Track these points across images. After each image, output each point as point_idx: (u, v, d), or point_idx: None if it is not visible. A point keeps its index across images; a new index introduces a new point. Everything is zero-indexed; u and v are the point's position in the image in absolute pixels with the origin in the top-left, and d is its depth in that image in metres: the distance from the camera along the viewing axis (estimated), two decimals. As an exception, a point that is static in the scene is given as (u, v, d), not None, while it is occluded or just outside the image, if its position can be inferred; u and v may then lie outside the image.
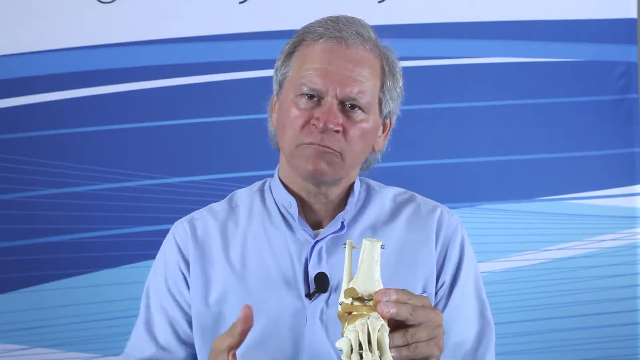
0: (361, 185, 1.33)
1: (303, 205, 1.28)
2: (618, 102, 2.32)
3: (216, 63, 2.24)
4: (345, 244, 1.03)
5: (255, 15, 2.24)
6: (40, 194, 2.18)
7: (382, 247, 1.01)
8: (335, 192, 1.27)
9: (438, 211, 1.31)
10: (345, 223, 1.27)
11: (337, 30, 1.23)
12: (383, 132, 1.30)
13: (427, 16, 2.29)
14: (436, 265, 1.27)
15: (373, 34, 1.26)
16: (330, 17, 1.26)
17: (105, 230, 2.19)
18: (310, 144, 1.20)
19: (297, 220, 1.26)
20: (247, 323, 1.00)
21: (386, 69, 1.25)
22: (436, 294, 1.27)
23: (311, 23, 1.27)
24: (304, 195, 1.27)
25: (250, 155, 2.20)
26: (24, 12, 2.19)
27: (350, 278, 1.01)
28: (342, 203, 1.29)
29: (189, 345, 1.29)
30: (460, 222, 1.32)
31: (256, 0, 2.25)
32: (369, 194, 1.32)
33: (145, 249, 2.15)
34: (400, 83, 1.29)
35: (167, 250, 1.31)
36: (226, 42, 2.24)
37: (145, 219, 2.19)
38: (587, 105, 2.32)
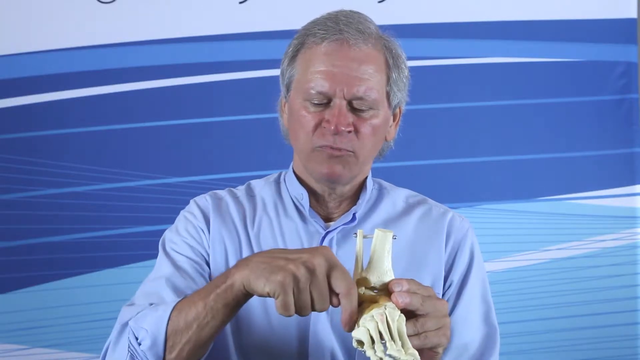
0: (373, 184, 1.35)
1: (316, 198, 1.30)
2: (618, 102, 2.32)
3: (216, 63, 2.24)
4: (356, 233, 1.03)
5: (255, 15, 2.24)
6: (40, 194, 2.18)
7: (394, 237, 1.01)
8: (348, 188, 1.29)
9: (449, 214, 1.33)
10: (356, 215, 1.29)
11: (337, 31, 1.23)
12: (393, 121, 1.32)
13: (427, 16, 2.29)
14: (445, 266, 1.29)
15: (374, 28, 1.26)
16: (329, 15, 1.26)
17: (105, 230, 2.19)
18: (324, 147, 1.22)
19: (307, 212, 1.28)
20: None
21: (390, 61, 1.26)
22: (443, 294, 1.28)
23: (311, 22, 1.27)
24: (317, 190, 1.29)
25: (251, 155, 2.20)
26: (24, 12, 2.19)
27: (361, 267, 1.01)
28: (354, 197, 1.31)
29: None
30: (470, 226, 1.33)
31: (256, 0, 2.25)
32: (381, 192, 1.35)
33: (145, 249, 2.15)
34: (406, 72, 1.29)
35: (188, 213, 1.31)
36: (226, 42, 2.24)
37: (145, 219, 2.19)
38: (587, 105, 2.32)
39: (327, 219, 1.30)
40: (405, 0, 2.27)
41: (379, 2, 2.26)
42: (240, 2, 2.25)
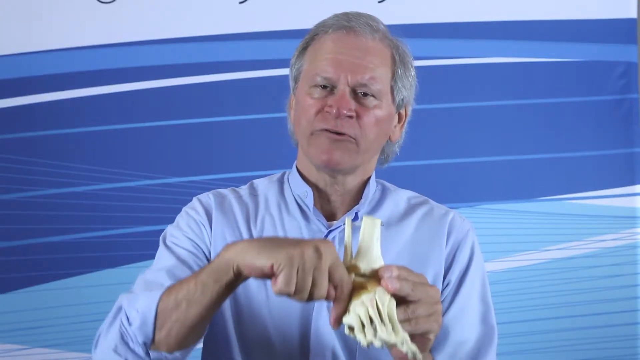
0: (377, 185, 1.36)
1: (319, 196, 1.30)
2: (618, 102, 2.32)
3: (216, 63, 2.24)
4: (344, 222, 1.04)
5: (255, 15, 2.24)
6: (40, 194, 2.18)
7: (382, 224, 1.03)
8: (352, 183, 1.30)
9: (451, 215, 1.34)
10: (359, 214, 1.29)
11: (346, 21, 1.26)
12: (399, 122, 1.33)
13: (427, 16, 2.29)
14: (444, 264, 1.29)
15: (382, 26, 1.28)
16: (341, 12, 1.29)
17: (105, 230, 2.19)
18: (324, 130, 1.23)
19: (311, 210, 1.29)
20: None
21: (396, 57, 1.28)
22: (442, 293, 1.28)
23: (322, 20, 1.30)
24: (320, 185, 1.30)
25: (250, 155, 2.20)
26: (24, 12, 2.19)
27: (350, 255, 1.02)
28: (358, 197, 1.31)
29: None
30: (472, 227, 1.34)
31: (256, 0, 2.25)
32: (384, 193, 1.35)
33: (145, 249, 2.14)
34: (412, 72, 1.31)
35: (190, 210, 1.31)
36: (226, 42, 2.24)
37: (145, 219, 2.19)
38: (587, 105, 2.32)
39: (330, 217, 1.31)
40: (405, 0, 2.27)
41: (379, 2, 2.26)
42: (240, 2, 2.25)
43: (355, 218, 1.29)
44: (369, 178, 1.33)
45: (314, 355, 1.22)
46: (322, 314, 1.23)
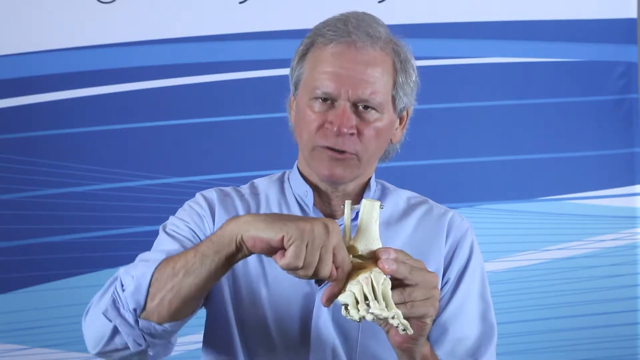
0: (377, 185, 1.37)
1: (320, 197, 1.31)
2: (618, 102, 2.32)
3: (216, 63, 2.24)
4: (344, 204, 1.05)
5: (255, 15, 2.24)
6: (40, 194, 2.18)
7: (381, 207, 1.05)
8: (351, 187, 1.31)
9: (450, 214, 1.35)
10: (359, 214, 1.29)
11: (346, 33, 1.24)
12: (400, 124, 1.33)
13: (426, 16, 2.29)
14: (444, 263, 1.30)
15: (383, 31, 1.26)
16: (340, 16, 1.27)
17: (105, 230, 2.19)
18: (326, 147, 1.23)
19: (311, 209, 1.30)
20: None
21: (398, 65, 1.26)
22: (441, 291, 1.29)
23: (322, 23, 1.28)
24: (321, 188, 1.31)
25: (250, 155, 2.20)
26: (24, 12, 2.19)
27: (349, 236, 1.04)
28: (358, 198, 1.32)
29: None
30: (470, 226, 1.35)
31: (256, 0, 2.25)
32: (383, 192, 1.36)
33: (146, 249, 2.14)
34: (414, 77, 1.30)
35: (193, 203, 1.32)
36: (226, 42, 2.24)
37: (145, 219, 2.19)
38: (587, 105, 2.32)
39: (330, 216, 1.31)
40: (405, 0, 2.27)
41: (379, 2, 2.26)
42: (240, 2, 2.25)
43: (356, 217, 1.29)
44: (369, 179, 1.34)
45: (314, 351, 1.23)
46: (322, 311, 1.24)
